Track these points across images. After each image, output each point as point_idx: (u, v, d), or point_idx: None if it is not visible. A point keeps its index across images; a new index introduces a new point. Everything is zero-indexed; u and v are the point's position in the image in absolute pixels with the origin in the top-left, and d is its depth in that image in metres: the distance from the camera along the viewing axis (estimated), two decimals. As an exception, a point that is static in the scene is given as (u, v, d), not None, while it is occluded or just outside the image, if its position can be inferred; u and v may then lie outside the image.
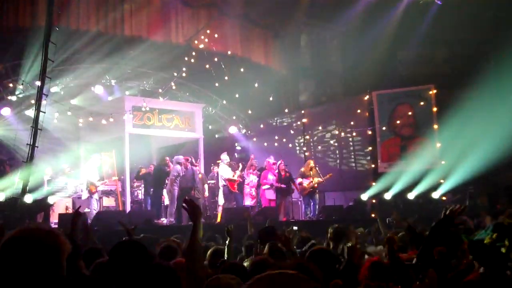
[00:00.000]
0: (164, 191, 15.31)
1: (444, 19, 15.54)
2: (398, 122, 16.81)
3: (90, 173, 14.64)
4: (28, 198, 11.63)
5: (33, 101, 12.43)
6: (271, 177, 15.64)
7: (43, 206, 13.28)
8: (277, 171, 15.70)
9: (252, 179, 15.95)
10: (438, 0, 15.91)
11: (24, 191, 11.26)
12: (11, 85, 15.08)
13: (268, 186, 15.66)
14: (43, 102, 11.88)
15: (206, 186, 16.25)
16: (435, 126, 16.08)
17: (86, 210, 13.96)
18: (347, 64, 18.49)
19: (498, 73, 14.00)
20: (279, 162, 15.86)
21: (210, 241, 8.22)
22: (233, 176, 15.73)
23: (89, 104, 16.96)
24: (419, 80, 16.53)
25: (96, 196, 14.82)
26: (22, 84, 14.59)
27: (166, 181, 15.15)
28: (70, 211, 14.66)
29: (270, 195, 15.69)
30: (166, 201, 15.58)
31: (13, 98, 15.30)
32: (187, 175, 14.83)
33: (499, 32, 14.58)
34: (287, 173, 15.76)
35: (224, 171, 15.86)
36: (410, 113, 16.66)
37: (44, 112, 11.64)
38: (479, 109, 14.64)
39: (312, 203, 15.50)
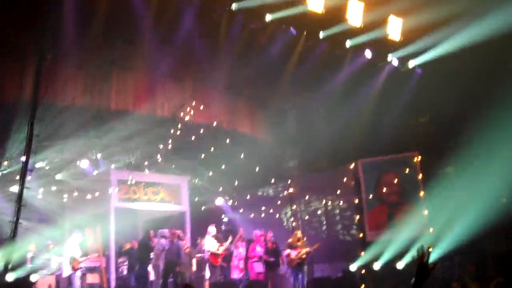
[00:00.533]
0: (150, 266, 14.98)
1: (425, 86, 15.86)
2: (384, 190, 16.83)
3: (73, 249, 14.29)
4: (10, 277, 11.27)
5: (17, 177, 12.24)
6: (259, 249, 15.38)
7: (25, 284, 12.90)
8: (264, 243, 15.47)
9: (240, 251, 15.67)
10: (418, 69, 16.27)
11: (6, 269, 10.92)
12: (-5, 161, 14.92)
13: (256, 259, 15.36)
14: (28, 178, 11.71)
15: (194, 260, 15.93)
16: (421, 193, 16.10)
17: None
18: (332, 133, 18.62)
19: (481, 138, 14.17)
20: (266, 234, 15.66)
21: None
22: (218, 249, 15.44)
23: (75, 179, 16.81)
24: (404, 148, 16.68)
25: (78, 273, 14.39)
26: (7, 160, 14.46)
27: (151, 256, 14.84)
28: (53, 288, 14.25)
29: (259, 268, 15.37)
30: (152, 276, 15.21)
31: (-2, 174, 15.13)
32: (172, 249, 14.55)
33: (479, 96, 14.87)
34: (274, 244, 15.54)
35: (208, 243, 15.58)
36: (396, 180, 16.72)
37: (29, 188, 11.46)
38: (465, 175, 14.75)
39: (300, 275, 15.20)
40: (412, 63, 16.24)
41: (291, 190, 18.83)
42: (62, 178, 16.75)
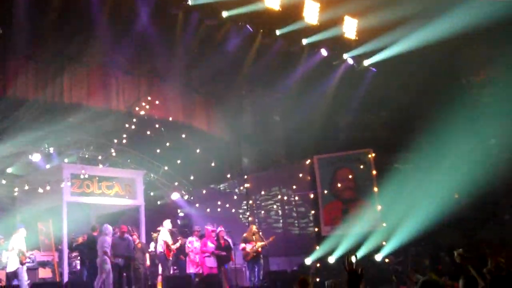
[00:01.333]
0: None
1: (379, 85, 16.10)
2: (339, 185, 17.05)
3: (20, 243, 14.01)
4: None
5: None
6: (210, 245, 15.40)
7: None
8: (216, 238, 15.52)
9: (196, 245, 15.65)
10: (372, 68, 16.49)
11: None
12: None
13: (208, 254, 15.38)
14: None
15: (147, 255, 15.86)
16: (375, 189, 16.38)
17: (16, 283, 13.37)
18: (288, 129, 18.76)
19: (433, 135, 14.49)
20: (218, 229, 15.69)
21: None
22: (172, 243, 15.41)
23: (26, 173, 16.51)
24: (358, 144, 16.90)
25: (25, 267, 14.12)
26: (-45, 153, 14.14)
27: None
28: (3, 283, 13.96)
29: (211, 263, 15.39)
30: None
31: None
32: (123, 245, 14.43)
33: (431, 95, 15.20)
34: (226, 241, 15.59)
35: (164, 235, 15.52)
36: (350, 176, 16.95)
37: (-23, 182, 11.24)
38: (417, 170, 15.09)
39: (256, 269, 15.30)
40: (366, 62, 16.46)
41: (247, 185, 18.88)
42: (13, 171, 16.44)
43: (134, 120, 16.33)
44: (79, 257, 16.24)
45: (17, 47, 13.01)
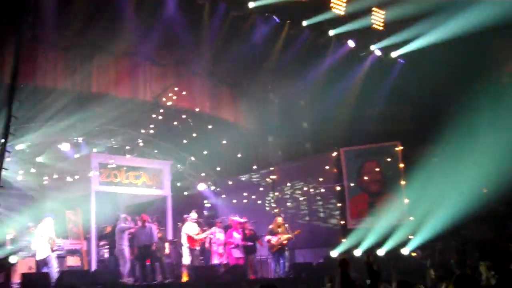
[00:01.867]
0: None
1: (407, 77, 15.92)
2: (366, 178, 16.92)
3: (49, 231, 14.23)
4: (-12, 257, 11.27)
5: (-4, 159, 12.17)
6: (237, 236, 15.47)
7: (4, 266, 12.90)
8: (242, 230, 15.57)
9: (218, 237, 15.74)
10: (400, 59, 16.31)
11: (-16, 250, 10.93)
12: (-26, 143, 14.82)
13: (234, 245, 15.45)
14: (7, 159, 11.65)
15: (166, 244, 15.99)
16: (403, 182, 16.21)
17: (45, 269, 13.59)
18: (315, 121, 18.68)
19: (462, 128, 14.28)
20: (244, 220, 15.75)
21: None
22: (197, 234, 15.48)
23: (55, 162, 16.78)
24: (386, 137, 16.74)
25: (54, 254, 14.34)
26: (-14, 142, 14.38)
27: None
28: (33, 270, 14.23)
29: (237, 253, 15.49)
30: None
31: (-23, 156, 15.04)
32: (144, 233, 14.60)
33: (461, 86, 14.98)
34: (251, 231, 15.64)
35: (187, 227, 15.63)
36: (377, 169, 16.80)
37: (7, 169, 11.40)
38: (445, 164, 14.86)
39: (281, 261, 15.33)
40: (394, 54, 16.29)
41: (273, 176, 18.87)
42: (43, 160, 16.70)
43: (161, 110, 16.46)
44: (107, 246, 16.46)
45: (46, 35, 13.20)
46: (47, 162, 16.85)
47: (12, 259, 13.43)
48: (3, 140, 11.50)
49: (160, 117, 16.59)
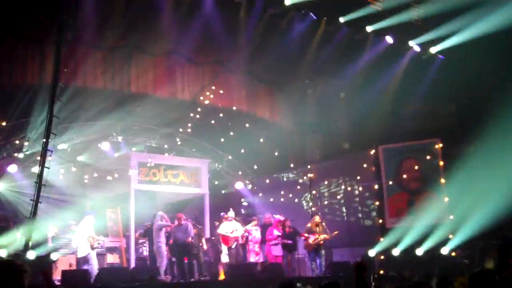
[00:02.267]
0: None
1: (447, 73, 15.67)
2: (404, 176, 16.69)
3: (89, 229, 14.50)
4: (31, 255, 11.50)
5: (38, 158, 12.44)
6: (276, 233, 15.49)
7: (45, 262, 13.16)
8: (282, 227, 15.59)
9: (255, 235, 15.78)
10: (440, 55, 16.06)
11: (26, 247, 11.15)
12: (17, 142, 15.20)
13: (274, 242, 15.48)
14: (48, 158, 11.90)
15: (203, 240, 16.09)
16: (442, 180, 15.95)
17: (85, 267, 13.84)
18: (352, 118, 18.55)
19: (503, 125, 13.97)
20: (284, 219, 15.77)
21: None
22: (231, 232, 15.51)
23: (96, 161, 17.05)
24: (425, 134, 16.51)
25: (94, 252, 14.60)
26: (28, 141, 14.73)
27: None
28: (74, 267, 14.51)
29: (277, 251, 15.52)
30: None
31: (20, 155, 15.40)
32: (180, 230, 14.76)
33: (503, 83, 14.66)
34: (291, 228, 15.64)
35: (221, 227, 15.70)
36: (416, 167, 16.56)
37: (48, 168, 11.64)
38: (487, 162, 14.54)
39: (318, 260, 15.27)
40: (434, 49, 16.04)
41: (310, 175, 18.80)
42: (83, 159, 16.98)
43: (199, 109, 16.60)
44: (146, 244, 16.66)
45: (86, 36, 13.44)
46: (88, 161, 17.10)
47: (53, 256, 13.69)
48: (44, 140, 11.76)
49: (198, 116, 16.74)
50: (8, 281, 2.24)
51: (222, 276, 15.06)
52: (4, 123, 14.47)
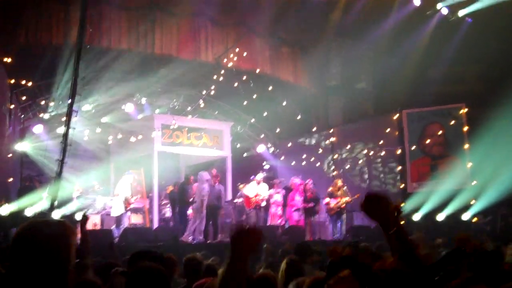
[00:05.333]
0: (190, 209, 15.27)
1: (475, 36, 15.39)
2: (428, 141, 16.55)
3: (125, 189, 14.71)
4: (56, 214, 11.71)
5: (64, 119, 12.56)
6: (298, 198, 15.58)
7: (71, 222, 13.36)
8: (303, 192, 15.65)
9: (276, 198, 15.87)
10: (468, 18, 15.76)
11: (52, 207, 11.35)
12: (43, 103, 15.37)
13: (295, 208, 15.59)
14: (73, 119, 12.01)
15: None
16: (466, 146, 15.79)
17: (113, 227, 14.09)
18: (376, 82, 18.39)
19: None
20: (306, 181, 15.80)
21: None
22: (255, 196, 15.59)
23: (120, 122, 17.18)
24: (450, 99, 16.32)
25: (128, 213, 14.89)
26: (54, 101, 14.88)
27: (191, 199, 15.06)
28: (98, 227, 14.77)
29: (298, 216, 15.65)
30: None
31: (46, 116, 15.58)
32: (213, 193, 14.76)
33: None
34: (313, 193, 15.69)
35: (247, 188, 15.80)
36: (440, 132, 16.40)
37: (74, 128, 11.77)
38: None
39: (339, 223, 15.35)
40: (462, 12, 15.74)
41: (333, 139, 18.74)
42: (108, 120, 17.13)
43: (222, 71, 16.53)
44: (168, 205, 16.86)
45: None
46: (112, 122, 17.26)
47: (79, 216, 13.91)
48: (70, 100, 11.86)
49: (221, 78, 16.68)
50: (65, 243, 2.28)
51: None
52: (30, 83, 14.60)
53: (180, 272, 6.10)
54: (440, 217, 15.17)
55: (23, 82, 14.40)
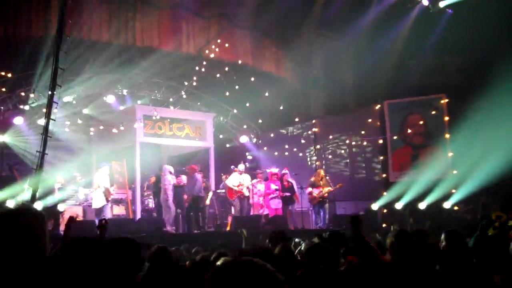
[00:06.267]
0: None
1: (455, 28, 15.48)
2: (409, 131, 16.71)
3: (104, 180, 14.71)
4: (38, 205, 11.66)
5: (44, 110, 12.48)
6: (274, 187, 15.74)
7: (52, 213, 13.37)
8: (280, 181, 15.78)
9: (259, 188, 16.00)
10: (449, 9, 15.85)
11: (33, 198, 11.29)
12: (23, 94, 15.28)
13: (273, 195, 15.72)
14: (54, 110, 11.93)
15: (210, 193, 16.26)
16: (447, 135, 15.96)
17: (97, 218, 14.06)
18: (358, 73, 18.47)
19: (510, 82, 13.89)
20: (283, 171, 15.94)
21: (222, 248, 8.14)
22: (238, 186, 15.72)
23: (101, 114, 17.12)
24: (431, 90, 16.44)
25: (109, 204, 14.90)
26: (34, 93, 14.79)
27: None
28: (80, 218, 14.74)
29: (275, 204, 15.81)
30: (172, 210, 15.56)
31: (26, 107, 15.49)
32: (192, 183, 14.85)
33: (510, 39, 14.50)
34: (289, 182, 15.83)
35: (230, 178, 15.92)
36: (421, 122, 16.57)
37: (54, 120, 11.69)
38: (491, 118, 14.52)
39: (322, 213, 15.49)
40: (442, 3, 15.83)
41: (315, 129, 18.85)
42: (89, 112, 17.06)
43: (204, 63, 16.53)
44: (151, 196, 16.87)
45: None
46: (93, 114, 17.19)
47: (60, 207, 13.90)
48: (50, 92, 11.77)
49: (203, 70, 16.67)
50: (31, 228, 2.30)
51: (228, 228, 15.30)
52: (9, 75, 14.50)
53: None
54: (422, 205, 15.32)
55: (3, 73, 14.32)
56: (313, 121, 18.98)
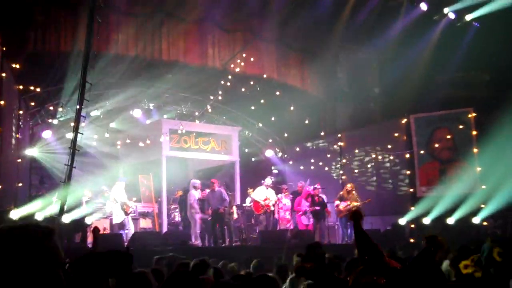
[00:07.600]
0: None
1: (482, 41, 15.33)
2: (436, 145, 16.55)
3: (121, 195, 14.78)
4: (66, 218, 11.79)
5: (72, 124, 12.63)
6: (305, 203, 15.65)
7: (80, 226, 13.50)
8: (310, 197, 15.72)
9: (285, 202, 15.94)
10: (476, 23, 15.71)
11: (62, 211, 11.40)
12: (52, 108, 15.51)
13: (302, 213, 15.70)
14: (82, 124, 12.07)
15: (234, 208, 16.24)
16: (475, 150, 15.76)
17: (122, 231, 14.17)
18: (384, 87, 18.36)
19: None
20: (312, 187, 15.85)
21: (248, 263, 8.04)
22: (264, 200, 15.68)
23: (128, 127, 17.28)
24: (458, 103, 16.29)
25: (130, 217, 14.96)
26: (62, 107, 15.00)
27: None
28: (108, 231, 14.86)
29: (306, 220, 15.71)
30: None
31: (54, 121, 15.71)
32: (215, 197, 14.84)
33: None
34: (320, 198, 15.74)
35: (256, 192, 15.89)
36: (448, 136, 16.39)
37: (82, 134, 11.82)
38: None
39: (349, 227, 15.36)
40: (469, 17, 15.70)
41: (341, 143, 18.76)
42: (116, 126, 17.22)
43: (229, 77, 16.61)
44: (177, 210, 16.92)
45: (119, 3, 13.51)
46: (120, 127, 17.36)
47: (88, 220, 14.02)
48: (78, 106, 11.92)
49: (228, 84, 16.76)
50: (26, 248, 2.28)
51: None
52: (38, 89, 14.74)
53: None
54: (450, 221, 15.13)
55: (32, 88, 14.56)
56: (339, 134, 18.90)
